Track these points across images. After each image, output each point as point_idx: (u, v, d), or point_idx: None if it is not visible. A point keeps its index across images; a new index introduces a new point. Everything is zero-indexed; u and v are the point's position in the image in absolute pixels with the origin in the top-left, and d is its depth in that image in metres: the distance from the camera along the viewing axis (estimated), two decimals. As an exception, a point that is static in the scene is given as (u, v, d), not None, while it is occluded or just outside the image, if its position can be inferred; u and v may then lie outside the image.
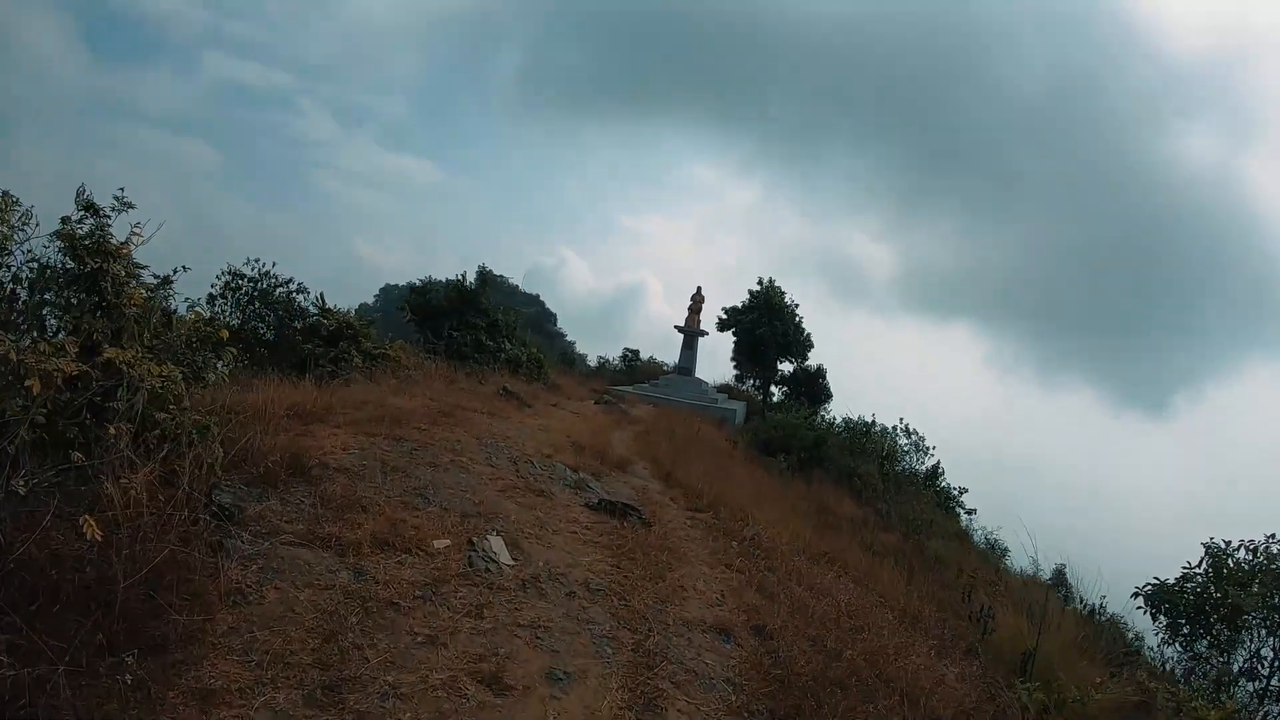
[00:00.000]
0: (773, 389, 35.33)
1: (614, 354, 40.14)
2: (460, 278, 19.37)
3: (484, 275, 19.55)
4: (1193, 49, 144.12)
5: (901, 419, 27.21)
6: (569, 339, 74.30)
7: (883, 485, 23.45)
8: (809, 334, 33.42)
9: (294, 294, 16.39)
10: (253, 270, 16.38)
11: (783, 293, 33.40)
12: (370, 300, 64.61)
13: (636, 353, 37.47)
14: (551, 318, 78.17)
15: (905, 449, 27.04)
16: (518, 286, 79.91)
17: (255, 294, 16.37)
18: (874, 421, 26.46)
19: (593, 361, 45.11)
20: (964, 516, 27.30)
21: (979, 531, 25.84)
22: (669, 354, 36.69)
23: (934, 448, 27.46)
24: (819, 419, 29.66)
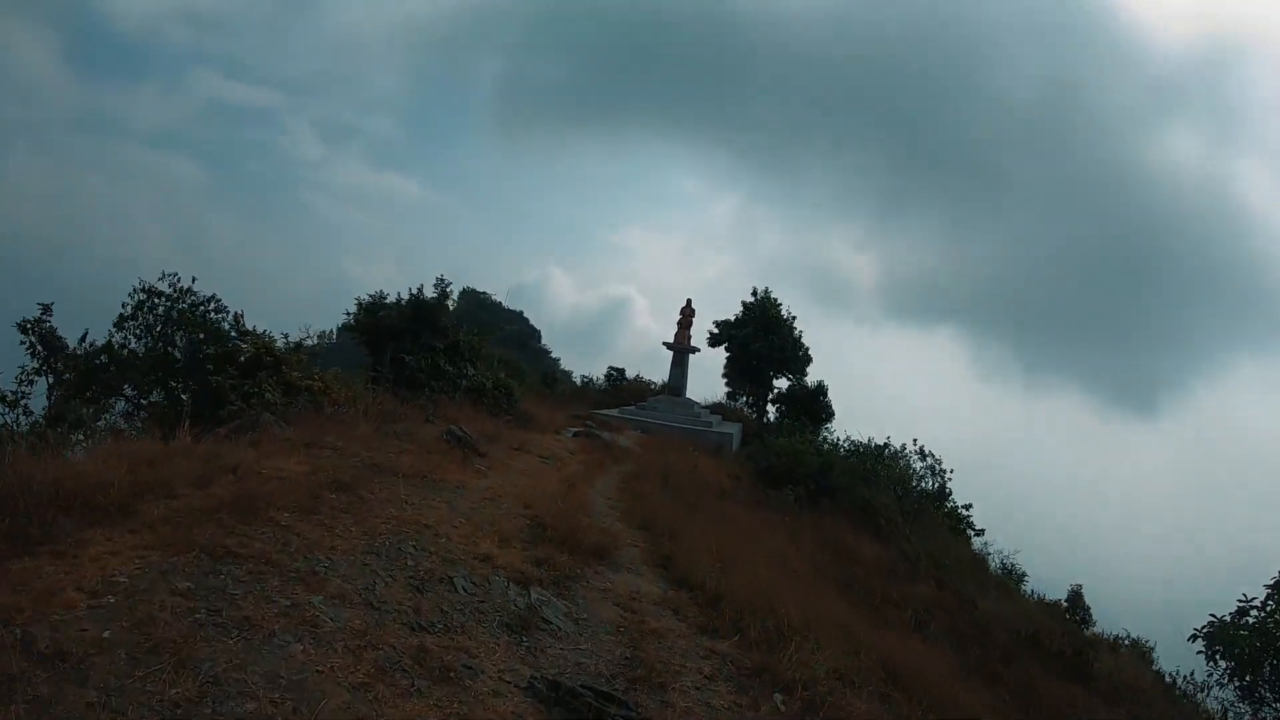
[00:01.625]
0: (768, 407, 32.26)
1: (598, 372, 36.99)
2: (416, 291, 16.13)
3: (444, 288, 16.30)
4: (1177, 50, 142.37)
5: (915, 440, 24.10)
6: (554, 356, 71.23)
7: (900, 517, 20.35)
8: (808, 349, 30.32)
9: (211, 314, 13.26)
10: (169, 286, 13.24)
11: (778, 304, 30.34)
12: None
13: (622, 371, 34.25)
14: (536, 335, 74.85)
15: (920, 473, 23.92)
16: (501, 303, 76.72)
17: (170, 315, 13.22)
18: (887, 444, 23.28)
19: (577, 380, 41.87)
20: (974, 538, 24.41)
21: (993, 556, 23.01)
22: (655, 371, 33.73)
23: (950, 471, 24.39)
24: (822, 441, 26.61)
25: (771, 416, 31.44)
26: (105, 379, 12.52)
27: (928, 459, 24.17)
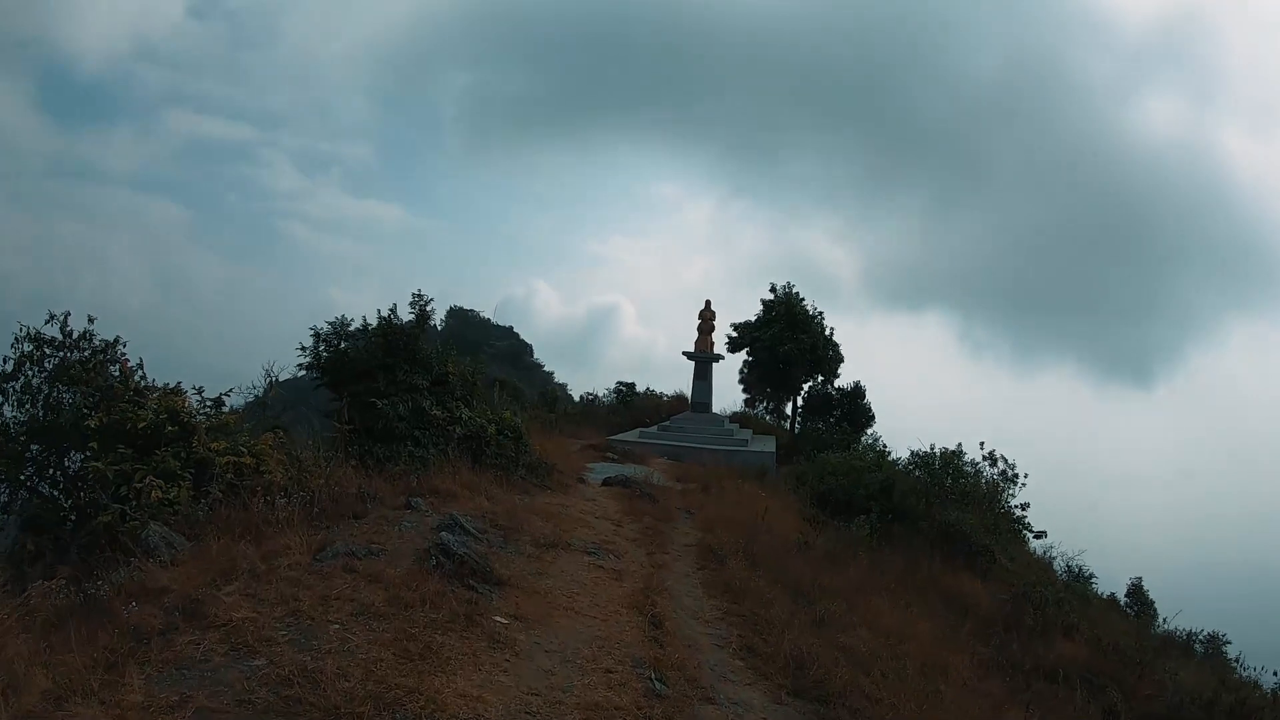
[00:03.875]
0: (793, 413, 28.44)
1: (598, 385, 33.07)
2: (387, 315, 12.07)
3: (422, 307, 12.21)
4: (1148, 17, 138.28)
5: (982, 444, 20.09)
6: (547, 369, 67.18)
7: (992, 542, 16.56)
8: (839, 347, 26.42)
9: (107, 363, 9.21)
10: (60, 333, 9.18)
11: (802, 299, 26.40)
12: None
13: (631, 385, 30.20)
14: (528, 349, 70.87)
15: (995, 482, 19.96)
16: (490, 320, 72.82)
17: (59, 370, 9.16)
18: (959, 451, 19.26)
19: (576, 397, 37.87)
20: (1032, 540, 20.56)
21: (1058, 559, 19.40)
22: (657, 380, 30.14)
23: (1025, 476, 20.44)
24: (867, 449, 22.78)
25: (797, 423, 27.70)
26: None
27: (998, 464, 20.27)
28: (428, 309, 12.34)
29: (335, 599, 4.52)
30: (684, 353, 23.49)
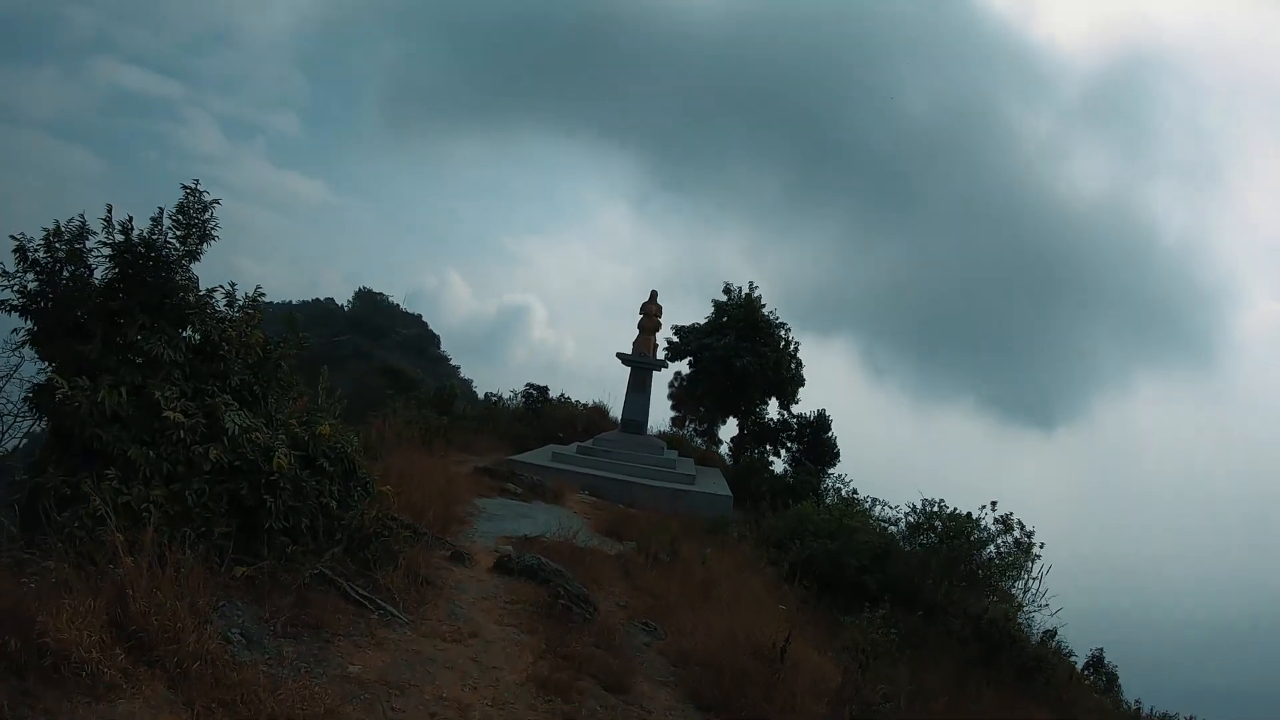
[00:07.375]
0: (722, 438, 23.58)
1: (504, 386, 27.37)
2: (129, 222, 6.22)
3: (193, 208, 6.48)
4: (1087, 71, 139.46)
5: (993, 504, 15.18)
6: (454, 363, 61.51)
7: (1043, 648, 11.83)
8: (802, 365, 21.42)
9: None
10: None
11: (763, 304, 21.33)
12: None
13: (544, 390, 24.45)
14: (435, 340, 64.99)
15: (1009, 553, 15.14)
16: (399, 306, 67.19)
17: None
18: (978, 517, 14.20)
19: (479, 394, 32.00)
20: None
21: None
22: (557, 383, 25.09)
23: (1041, 546, 15.70)
24: (835, 494, 17.94)
25: (744, 453, 22.64)
26: None
27: (1014, 531, 15.48)
28: (206, 223, 6.55)
29: None
30: (619, 355, 17.95)
